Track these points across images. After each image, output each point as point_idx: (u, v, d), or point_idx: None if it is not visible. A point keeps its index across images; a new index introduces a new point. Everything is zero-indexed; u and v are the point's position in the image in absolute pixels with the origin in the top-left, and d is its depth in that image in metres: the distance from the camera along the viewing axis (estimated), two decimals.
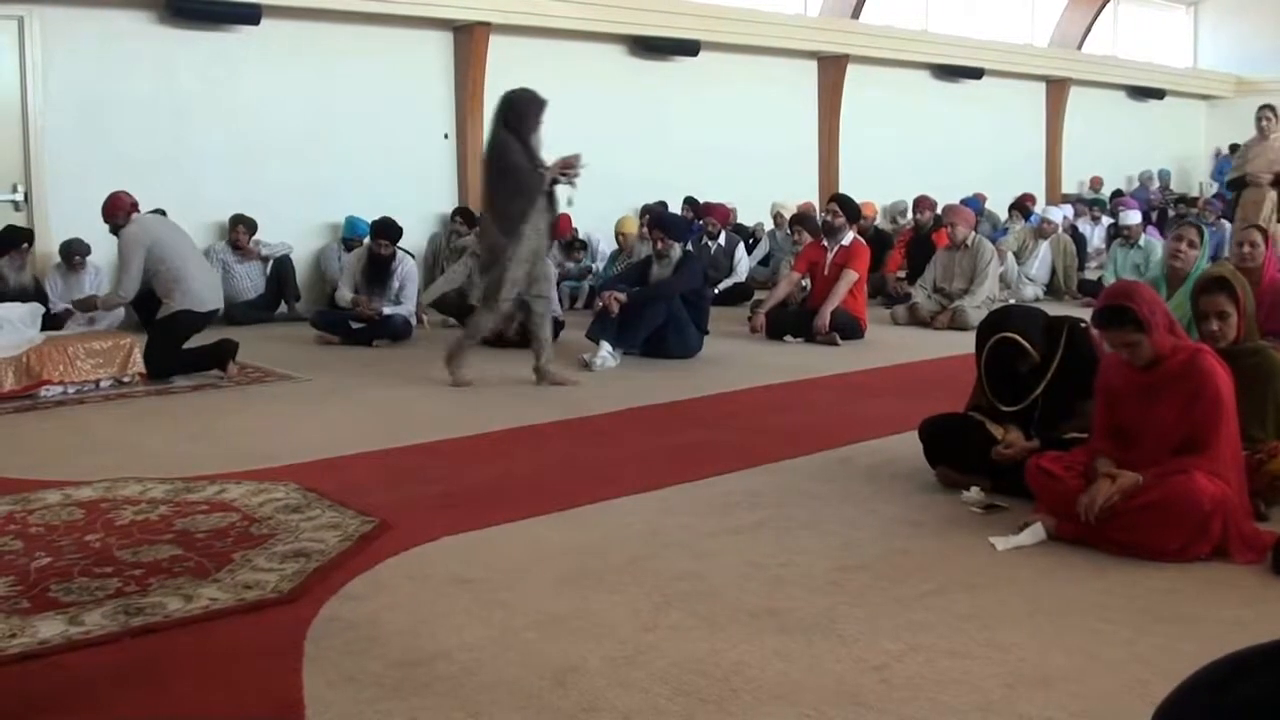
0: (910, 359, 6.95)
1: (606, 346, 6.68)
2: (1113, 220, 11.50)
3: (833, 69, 13.04)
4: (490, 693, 2.39)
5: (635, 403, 5.60)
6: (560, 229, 7.58)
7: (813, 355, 7.11)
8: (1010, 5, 15.93)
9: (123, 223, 6.19)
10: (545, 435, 4.96)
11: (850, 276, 7.65)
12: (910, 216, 11.16)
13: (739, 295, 9.77)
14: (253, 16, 8.91)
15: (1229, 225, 9.76)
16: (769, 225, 11.49)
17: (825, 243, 7.90)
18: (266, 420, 5.35)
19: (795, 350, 7.36)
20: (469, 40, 10.06)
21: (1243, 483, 3.29)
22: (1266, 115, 8.23)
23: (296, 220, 9.28)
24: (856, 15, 13.37)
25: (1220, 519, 3.11)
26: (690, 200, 11.14)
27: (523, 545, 3.38)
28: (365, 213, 8.80)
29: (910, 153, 13.27)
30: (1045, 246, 10.16)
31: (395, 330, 7.59)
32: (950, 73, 14.23)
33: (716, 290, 9.33)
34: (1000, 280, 9.05)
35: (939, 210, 9.95)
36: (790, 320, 7.75)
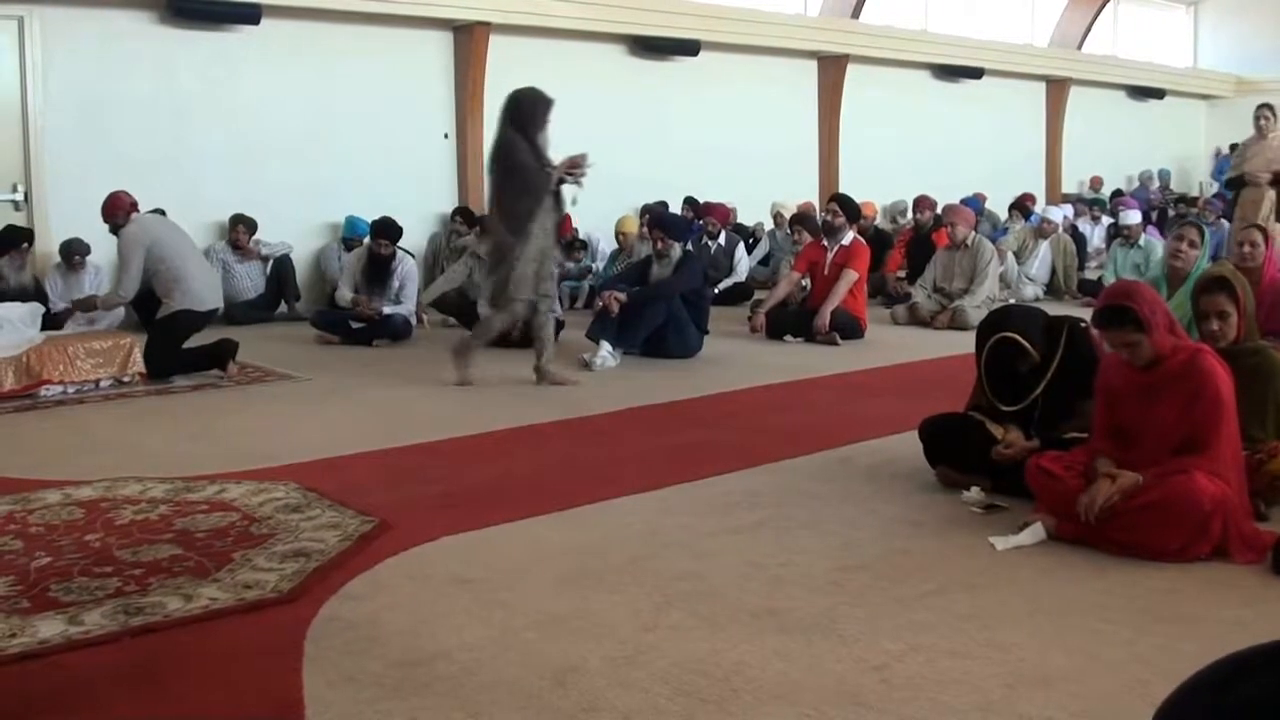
0: (910, 359, 6.95)
1: (606, 346, 6.68)
2: (1113, 220, 11.50)
3: (833, 69, 13.04)
4: (490, 693, 2.39)
5: (635, 403, 5.60)
6: (561, 229, 7.56)
7: (813, 355, 7.11)
8: (1010, 5, 15.92)
9: (122, 222, 6.20)
10: (545, 435, 4.96)
11: (850, 276, 7.65)
12: (910, 216, 11.16)
13: (739, 295, 9.77)
14: (253, 16, 8.91)
15: (1229, 225, 9.75)
16: (769, 225, 11.49)
17: (825, 242, 7.90)
18: (266, 420, 5.35)
19: (795, 350, 7.36)
20: (469, 40, 10.06)
21: (1243, 483, 3.29)
22: (1265, 114, 8.21)
23: (296, 220, 9.28)
24: (856, 15, 13.37)
25: (1220, 519, 3.11)
26: (690, 200, 11.14)
27: (523, 545, 3.38)
28: (365, 212, 8.81)
29: (910, 153, 13.27)
30: (1045, 246, 10.15)
31: (395, 330, 7.59)
32: (950, 73, 14.23)
33: (716, 290, 9.33)
34: (1000, 280, 9.05)
35: (939, 210, 9.95)
36: (790, 320, 7.75)
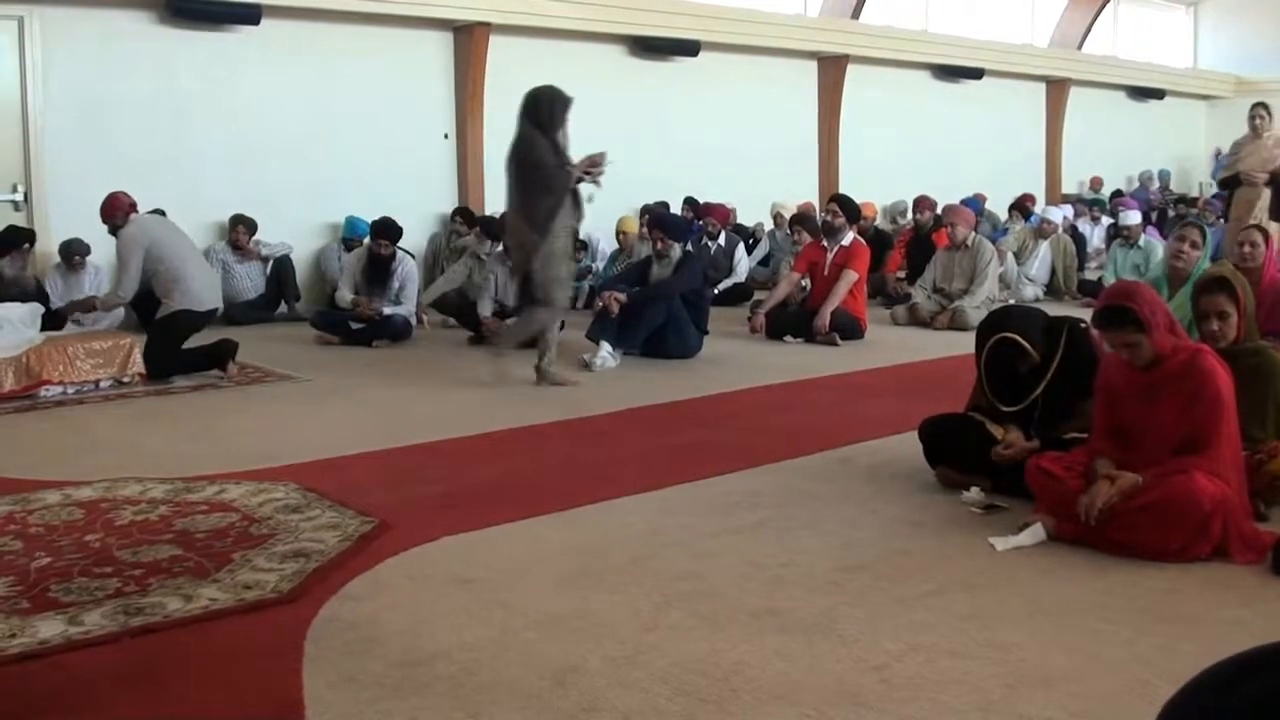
0: (910, 359, 6.95)
1: (606, 347, 6.68)
2: (1113, 220, 11.50)
3: (833, 69, 13.04)
4: (490, 693, 2.39)
5: (635, 403, 5.60)
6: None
7: (813, 355, 7.11)
8: (1010, 5, 15.92)
9: (121, 223, 6.19)
10: (545, 435, 4.95)
11: (850, 277, 7.65)
12: (910, 217, 11.15)
13: (739, 295, 9.76)
14: (253, 17, 8.91)
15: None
16: (769, 225, 11.49)
17: (825, 243, 7.90)
18: (266, 420, 5.35)
19: (795, 350, 7.35)
20: (469, 40, 10.06)
21: (1243, 483, 3.29)
22: (1260, 114, 8.18)
23: (296, 220, 9.28)
24: (856, 15, 13.37)
25: (1220, 519, 3.11)
26: (690, 200, 11.14)
27: (523, 545, 3.38)
28: (365, 213, 8.80)
29: (910, 153, 13.26)
30: (1045, 247, 10.15)
31: (395, 330, 7.59)
32: (950, 73, 14.23)
33: (716, 290, 9.32)
34: (1000, 280, 9.05)
35: (939, 210, 9.94)
36: (790, 320, 7.75)
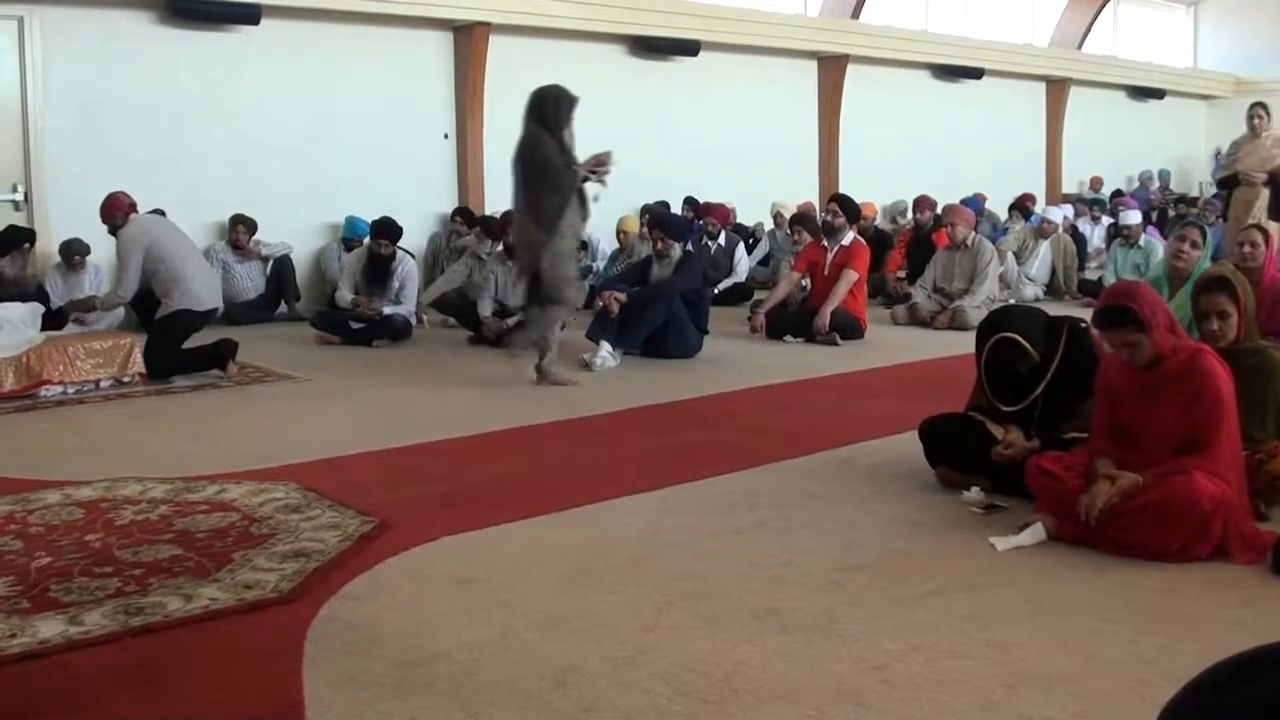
0: (910, 359, 6.95)
1: (606, 346, 6.68)
2: (1113, 220, 11.50)
3: (833, 69, 13.04)
4: (490, 693, 2.39)
5: (635, 403, 5.59)
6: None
7: (813, 355, 7.11)
8: (1010, 5, 15.92)
9: (121, 223, 6.19)
10: (545, 435, 4.95)
11: (850, 276, 7.64)
12: (910, 216, 11.16)
13: (739, 295, 9.76)
14: (253, 16, 8.90)
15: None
16: (769, 225, 11.49)
17: (825, 243, 7.90)
18: (266, 420, 5.35)
19: (795, 350, 7.35)
20: (469, 40, 10.06)
21: (1243, 483, 3.29)
22: (1258, 113, 8.16)
23: (296, 220, 9.28)
24: (856, 15, 13.37)
25: (1220, 519, 3.11)
26: (690, 200, 11.13)
27: (523, 545, 3.38)
28: (365, 213, 8.80)
29: (910, 153, 13.26)
30: (1045, 246, 10.15)
31: (395, 330, 7.59)
32: (950, 73, 14.22)
33: (716, 290, 9.32)
34: (1000, 280, 9.05)
35: (939, 210, 9.95)
36: (790, 320, 7.75)
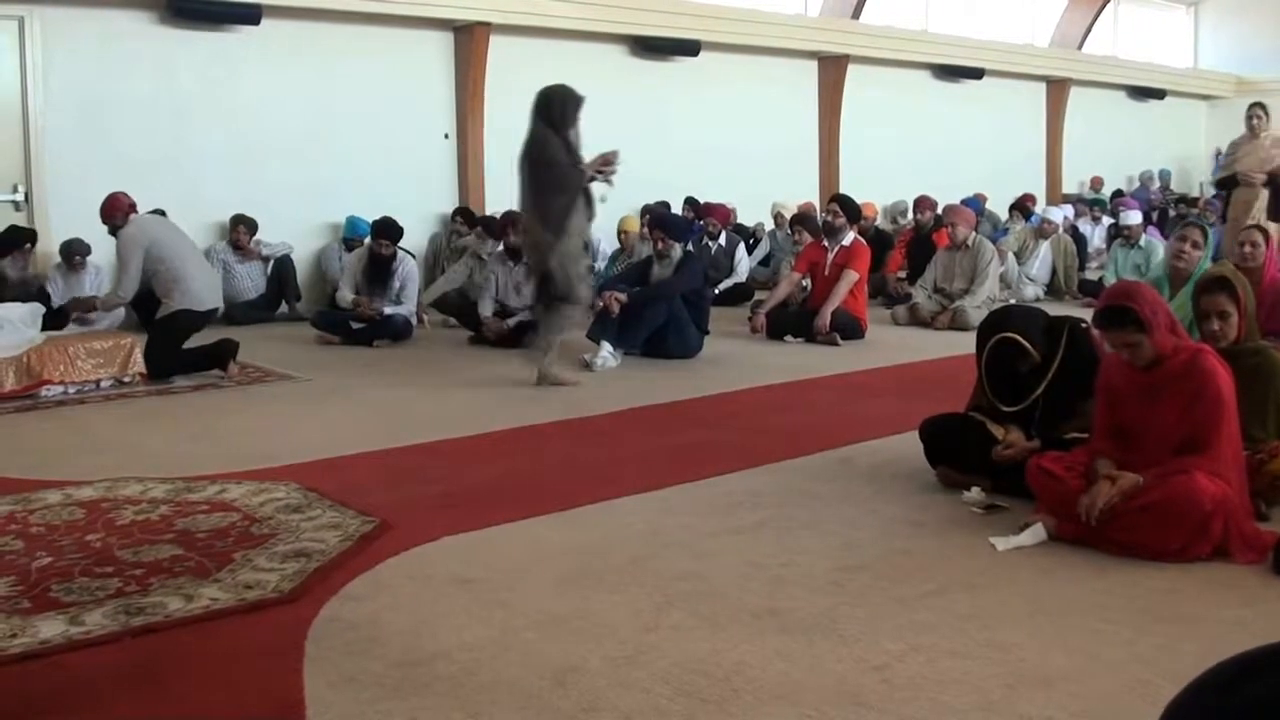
0: (911, 359, 6.95)
1: (607, 346, 6.68)
2: (1113, 220, 11.50)
3: (833, 69, 13.04)
4: (490, 693, 2.39)
5: (636, 403, 5.59)
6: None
7: (813, 355, 7.11)
8: (1010, 5, 15.92)
9: (120, 224, 6.20)
10: (546, 435, 4.95)
11: (851, 277, 7.64)
12: (911, 217, 11.15)
13: (739, 295, 9.77)
14: (253, 17, 8.91)
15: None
16: (769, 225, 11.49)
17: (826, 243, 7.90)
18: (267, 420, 5.35)
19: (796, 350, 7.35)
20: (469, 40, 10.06)
21: (1243, 483, 3.29)
22: (1257, 114, 8.15)
23: (297, 220, 9.28)
24: (857, 15, 13.37)
25: (1221, 519, 3.11)
26: (691, 200, 11.14)
27: (523, 545, 3.38)
28: (366, 213, 8.80)
29: (911, 153, 13.26)
30: (1046, 247, 10.15)
31: (396, 330, 7.59)
32: (950, 73, 14.23)
33: (717, 290, 9.33)
34: (1001, 280, 9.05)
35: (939, 210, 9.94)
36: (791, 320, 7.75)
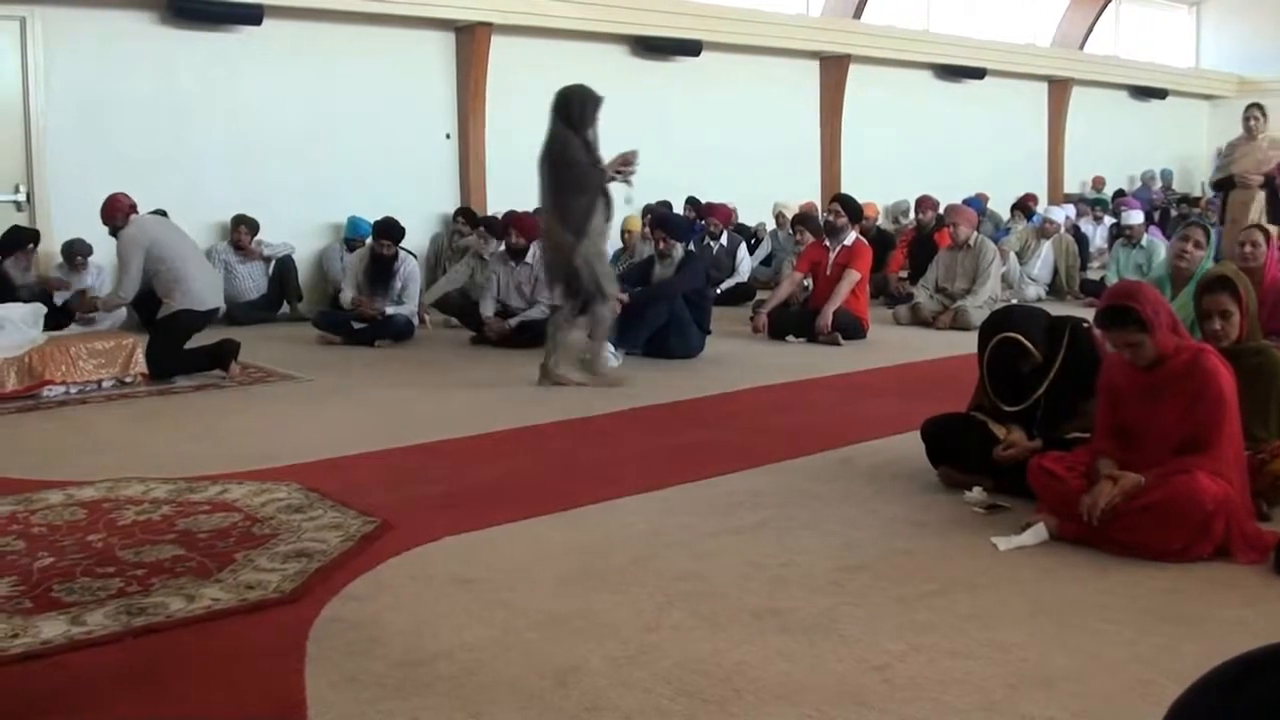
0: (912, 359, 6.94)
1: (609, 346, 6.67)
2: (1115, 220, 11.49)
3: (834, 69, 13.04)
4: (492, 693, 2.39)
5: (637, 403, 5.59)
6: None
7: (815, 355, 7.11)
8: (1012, 5, 15.92)
9: (121, 224, 6.20)
10: (547, 435, 4.95)
11: (852, 276, 7.64)
12: (912, 216, 11.15)
13: (741, 295, 9.77)
14: (254, 17, 8.91)
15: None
16: (771, 225, 11.49)
17: (827, 243, 7.90)
18: (268, 420, 5.35)
19: (797, 350, 7.35)
20: (470, 40, 10.06)
21: (1245, 482, 3.29)
22: (1254, 115, 8.13)
23: (298, 220, 9.29)
24: (858, 15, 13.37)
25: (1223, 519, 3.10)
26: (692, 200, 11.14)
27: (524, 545, 3.38)
28: (367, 213, 8.81)
29: (912, 153, 13.26)
30: (1047, 246, 10.15)
31: (397, 330, 7.59)
32: (952, 73, 14.22)
33: (718, 290, 9.33)
34: (1002, 280, 9.05)
35: (941, 210, 9.93)
36: (792, 320, 7.75)
